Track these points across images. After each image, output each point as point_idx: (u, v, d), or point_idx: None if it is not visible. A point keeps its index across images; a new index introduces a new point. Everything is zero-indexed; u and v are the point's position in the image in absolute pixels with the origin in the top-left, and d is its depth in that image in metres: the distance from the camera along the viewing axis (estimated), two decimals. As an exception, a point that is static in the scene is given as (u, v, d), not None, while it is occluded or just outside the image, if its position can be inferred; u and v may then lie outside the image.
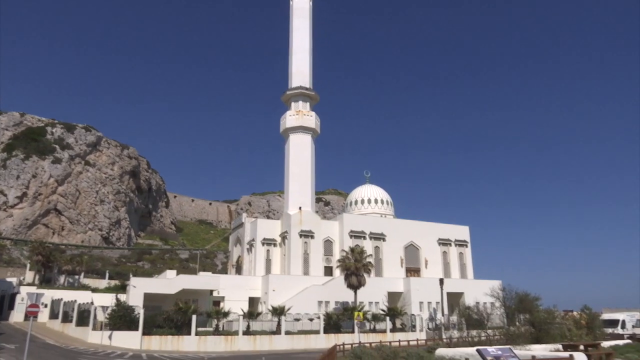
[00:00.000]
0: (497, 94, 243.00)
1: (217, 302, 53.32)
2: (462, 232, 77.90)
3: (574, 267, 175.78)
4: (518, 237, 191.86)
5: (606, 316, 43.54)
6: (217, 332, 41.44)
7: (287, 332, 43.37)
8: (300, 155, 70.61)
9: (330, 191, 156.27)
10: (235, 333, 41.00)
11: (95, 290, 61.29)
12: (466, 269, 76.14)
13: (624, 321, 42.29)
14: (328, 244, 67.74)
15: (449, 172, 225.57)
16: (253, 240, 68.03)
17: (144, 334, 37.36)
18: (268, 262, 66.79)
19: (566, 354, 17.20)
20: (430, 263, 72.46)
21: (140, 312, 38.23)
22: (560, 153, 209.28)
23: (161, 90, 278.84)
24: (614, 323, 41.78)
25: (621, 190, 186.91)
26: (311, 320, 47.82)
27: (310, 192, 70.20)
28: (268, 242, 67.68)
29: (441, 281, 56.48)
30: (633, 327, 40.42)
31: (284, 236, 67.28)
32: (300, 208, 67.39)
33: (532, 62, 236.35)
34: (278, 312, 44.24)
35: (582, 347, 20.75)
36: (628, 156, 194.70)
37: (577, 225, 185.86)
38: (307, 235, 65.81)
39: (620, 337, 34.87)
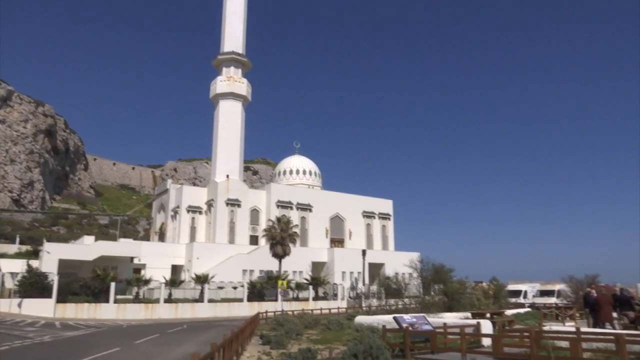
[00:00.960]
0: (426, 73, 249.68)
1: (138, 270, 51.98)
2: (385, 205, 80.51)
3: (486, 242, 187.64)
4: (438, 211, 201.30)
5: (511, 287, 47.13)
6: (137, 299, 40.53)
7: (210, 300, 43.24)
8: (229, 123, 69.32)
9: (259, 160, 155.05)
10: (157, 301, 40.30)
11: (3, 255, 57.44)
12: (388, 240, 79.06)
13: (525, 292, 46.01)
14: (255, 213, 67.62)
15: (377, 146, 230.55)
16: (178, 207, 66.56)
17: (58, 301, 35.77)
18: (193, 229, 65.77)
19: (474, 321, 18.47)
20: (354, 234, 74.49)
21: (54, 278, 36.48)
22: (478, 132, 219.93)
23: (83, 47, 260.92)
24: (517, 293, 45.34)
25: (531, 171, 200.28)
26: (235, 288, 47.98)
27: (238, 161, 69.42)
28: (193, 209, 66.48)
29: (364, 252, 58.45)
30: (533, 297, 44.02)
31: (210, 204, 66.33)
32: (227, 176, 66.54)
33: (464, 40, 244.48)
34: (201, 280, 43.91)
35: (488, 315, 22.34)
36: (540, 136, 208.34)
37: (491, 202, 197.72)
38: (233, 203, 65.27)
39: (522, 306, 37.95)
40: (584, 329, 15.47)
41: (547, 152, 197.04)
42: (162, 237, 69.92)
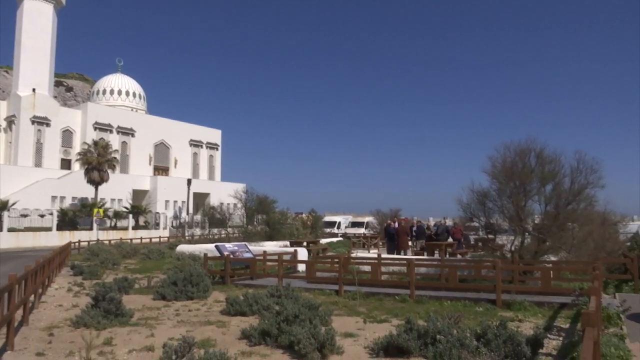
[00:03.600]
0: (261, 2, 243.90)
1: None
2: (214, 135, 79.45)
3: (308, 176, 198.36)
4: (265, 144, 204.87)
5: (327, 219, 51.05)
6: None
7: (11, 229, 38.78)
8: (37, 27, 59.88)
9: (74, 75, 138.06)
10: (-62, 229, 34.80)
11: None
12: (215, 171, 78.78)
13: (339, 223, 50.37)
14: (68, 134, 61.18)
15: (206, 73, 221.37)
16: (-33, 121, 56.88)
17: None
18: (-12, 149, 57.20)
19: (292, 249, 19.79)
20: (179, 163, 72.51)
21: None
22: (302, 70, 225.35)
23: None
24: (332, 224, 49.39)
25: (348, 114, 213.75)
26: (43, 216, 43.64)
27: (48, 73, 61.09)
28: (-11, 125, 57.51)
29: (189, 181, 57.44)
30: (346, 227, 48.48)
31: (10, 120, 57.89)
32: (34, 90, 58.35)
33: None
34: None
35: (305, 243, 24.12)
36: (353, 81, 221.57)
37: (313, 139, 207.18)
38: (41, 122, 57.97)
39: (336, 235, 41.61)
40: (383, 255, 17.66)
41: (357, 97, 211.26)
42: (-54, 155, 59.49)
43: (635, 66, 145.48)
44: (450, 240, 22.59)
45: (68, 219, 43.06)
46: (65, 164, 59.58)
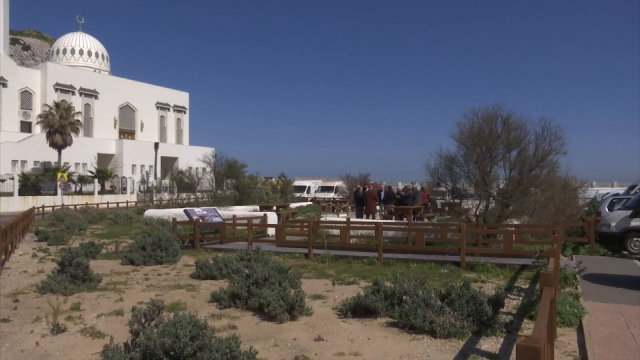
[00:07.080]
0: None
1: None
2: (181, 97, 77.70)
3: (278, 140, 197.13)
4: (234, 107, 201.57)
5: (297, 183, 51.21)
6: None
7: (-31, 194, 37.53)
8: (-11, -19, 56.65)
9: (32, 33, 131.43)
10: None
11: None
12: (182, 134, 77.42)
13: (309, 187, 50.64)
14: (27, 95, 58.77)
15: (172, 34, 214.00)
16: None
17: None
18: (-59, 110, 54.53)
19: (262, 213, 19.85)
20: (146, 126, 70.90)
21: None
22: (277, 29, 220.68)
23: None
24: (302, 189, 49.62)
25: (318, 77, 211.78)
26: (3, 181, 42.35)
27: (2, 29, 58.08)
28: (-59, 85, 54.64)
29: (156, 145, 56.41)
30: (315, 192, 48.82)
31: (-35, 81, 55.19)
32: (-12, 48, 55.60)
33: None
34: (-44, 170, 37.51)
35: (275, 207, 24.22)
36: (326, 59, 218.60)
37: (282, 102, 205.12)
38: (-2, 82, 55.44)
39: (306, 200, 41.84)
40: (352, 219, 17.90)
41: (328, 62, 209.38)
42: None
43: (600, 39, 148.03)
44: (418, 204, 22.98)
45: (30, 184, 41.85)
46: (26, 127, 57.45)
